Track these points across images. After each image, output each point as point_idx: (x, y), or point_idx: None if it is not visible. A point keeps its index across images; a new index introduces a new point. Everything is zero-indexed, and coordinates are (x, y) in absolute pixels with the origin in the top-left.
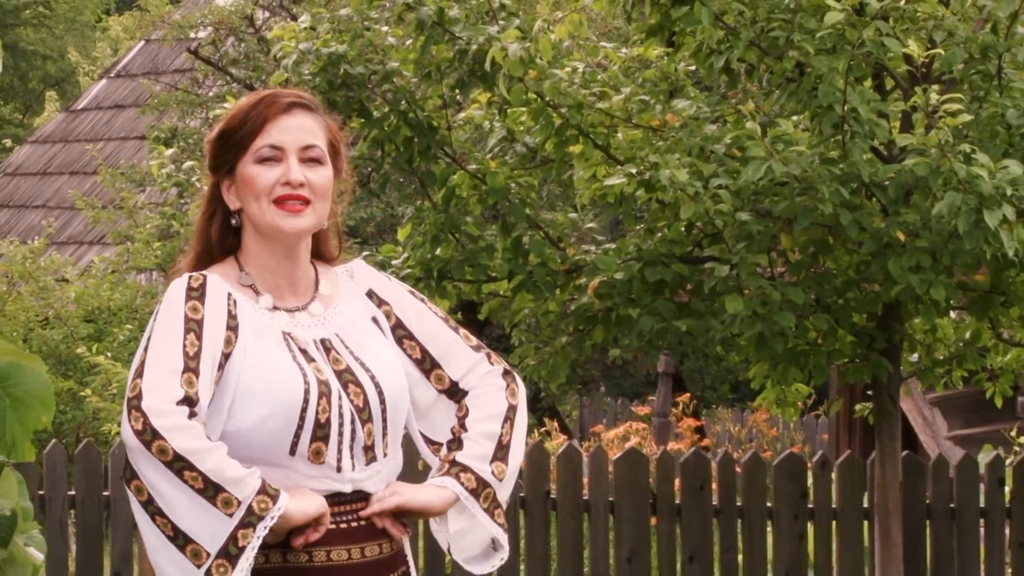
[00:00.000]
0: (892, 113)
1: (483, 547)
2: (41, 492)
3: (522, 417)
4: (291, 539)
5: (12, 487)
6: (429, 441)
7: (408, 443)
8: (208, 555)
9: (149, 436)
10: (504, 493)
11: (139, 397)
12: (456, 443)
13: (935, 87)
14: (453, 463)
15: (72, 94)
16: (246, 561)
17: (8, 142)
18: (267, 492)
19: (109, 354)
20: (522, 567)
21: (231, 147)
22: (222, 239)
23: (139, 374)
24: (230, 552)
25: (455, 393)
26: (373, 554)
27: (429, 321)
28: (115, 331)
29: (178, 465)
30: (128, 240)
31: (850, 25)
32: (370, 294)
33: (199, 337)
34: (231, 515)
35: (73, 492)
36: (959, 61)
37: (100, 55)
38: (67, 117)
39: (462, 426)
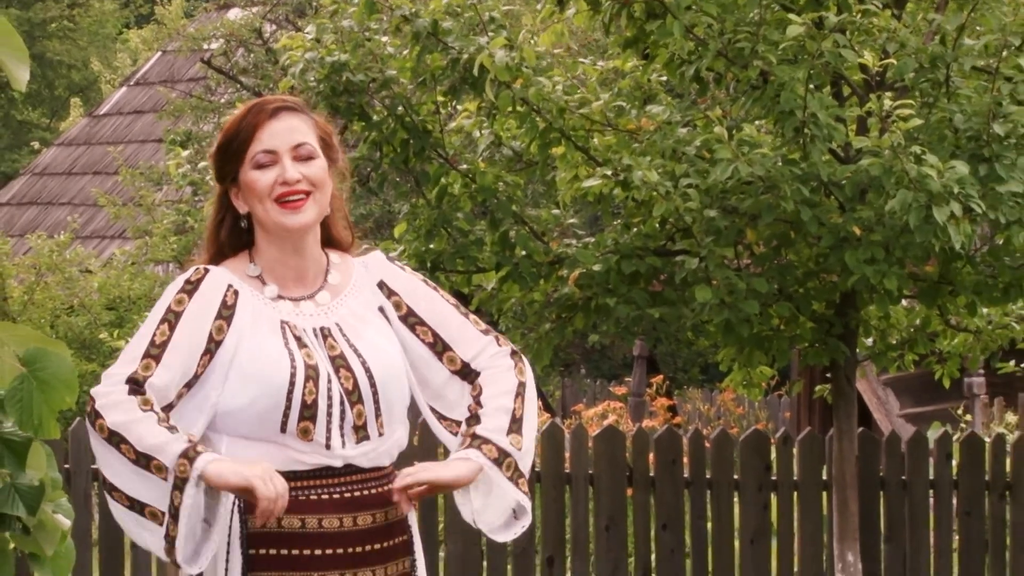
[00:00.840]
0: (849, 118)
1: (505, 516)
2: (67, 466)
3: (532, 392)
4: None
5: (41, 459)
6: (441, 417)
7: (426, 431)
8: (163, 514)
9: (93, 417)
10: (525, 463)
11: (97, 383)
12: (474, 419)
13: (888, 94)
14: (474, 436)
15: (95, 101)
16: (184, 521)
17: (36, 144)
18: (187, 456)
19: (129, 339)
20: None
21: (230, 158)
22: (233, 240)
23: (142, 354)
24: (172, 512)
25: (468, 373)
26: (365, 523)
27: (440, 307)
28: (135, 318)
29: (115, 440)
30: (147, 234)
31: (810, 37)
32: (381, 285)
33: (172, 328)
34: (165, 479)
35: (96, 466)
36: (910, 70)
37: (120, 65)
38: (90, 122)
39: (478, 403)
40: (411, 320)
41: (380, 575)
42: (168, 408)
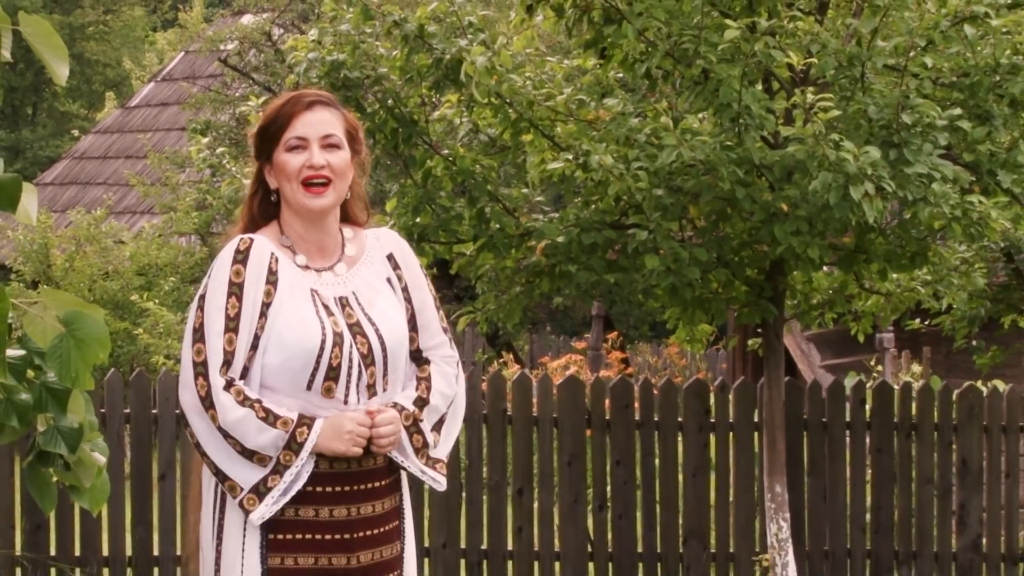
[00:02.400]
0: (777, 109)
1: (420, 475)
2: (102, 410)
3: (460, 400)
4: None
5: (80, 405)
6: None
7: None
8: (241, 490)
9: (208, 404)
10: (440, 451)
11: (204, 365)
12: (420, 401)
13: (811, 88)
14: (413, 423)
15: (126, 94)
16: (275, 495)
17: (76, 132)
18: (291, 448)
19: (156, 301)
20: (485, 469)
21: (268, 139)
22: (263, 213)
23: (200, 338)
24: (260, 490)
25: (417, 356)
26: (368, 468)
27: (424, 295)
28: (162, 283)
29: (223, 433)
30: (172, 210)
31: (744, 40)
32: (390, 257)
33: (239, 299)
34: (265, 466)
35: (128, 410)
36: (831, 68)
37: (149, 63)
38: (123, 112)
39: (428, 393)
40: (404, 294)
41: (377, 507)
42: (245, 373)
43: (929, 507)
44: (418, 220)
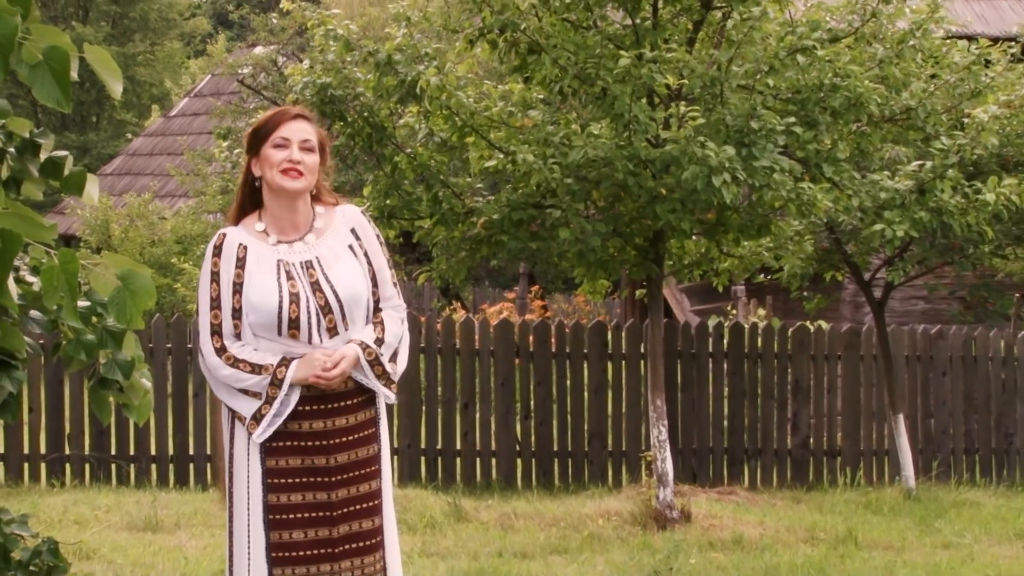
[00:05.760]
0: (658, 118)
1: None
2: (150, 346)
3: (406, 337)
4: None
5: (132, 343)
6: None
7: None
8: (245, 418)
9: (205, 367)
10: (394, 376)
11: (199, 334)
12: (379, 342)
13: (683, 102)
14: (376, 358)
15: (167, 107)
16: (268, 419)
17: (129, 135)
18: (274, 384)
19: (191, 263)
20: (439, 388)
21: (259, 138)
22: (249, 196)
23: (198, 313)
24: (256, 417)
25: (375, 304)
26: (342, 402)
27: (380, 260)
28: (195, 249)
29: (224, 382)
30: (202, 194)
31: (633, 66)
32: (352, 230)
33: (218, 284)
34: (258, 399)
35: (169, 345)
36: (697, 87)
37: (184, 83)
38: (165, 120)
39: (383, 331)
40: (366, 258)
41: (351, 419)
42: (238, 335)
43: (771, 415)
44: (388, 202)
